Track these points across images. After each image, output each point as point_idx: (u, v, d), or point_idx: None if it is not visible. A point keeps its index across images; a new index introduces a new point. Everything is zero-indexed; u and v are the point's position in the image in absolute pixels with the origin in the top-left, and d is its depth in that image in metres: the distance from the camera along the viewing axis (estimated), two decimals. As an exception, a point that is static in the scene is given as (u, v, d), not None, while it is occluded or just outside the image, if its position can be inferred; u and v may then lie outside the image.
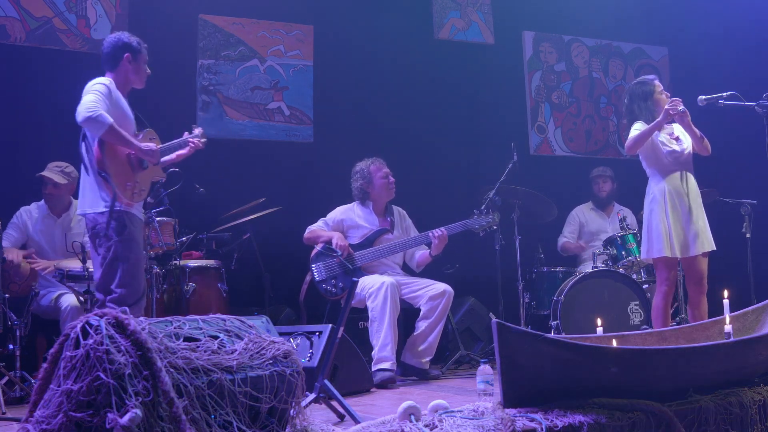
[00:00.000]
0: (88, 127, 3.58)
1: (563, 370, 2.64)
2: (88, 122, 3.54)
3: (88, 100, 3.57)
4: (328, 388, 3.28)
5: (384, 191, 5.17)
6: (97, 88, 3.66)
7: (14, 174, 5.04)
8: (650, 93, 4.52)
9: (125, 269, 3.64)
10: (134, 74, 3.89)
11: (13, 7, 5.33)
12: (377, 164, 5.19)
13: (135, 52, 3.88)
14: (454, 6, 6.83)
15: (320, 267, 4.97)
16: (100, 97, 3.61)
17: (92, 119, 3.52)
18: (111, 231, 3.64)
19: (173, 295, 4.82)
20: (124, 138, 3.65)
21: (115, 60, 3.86)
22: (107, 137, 3.60)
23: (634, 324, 5.22)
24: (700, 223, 4.38)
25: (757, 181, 5.77)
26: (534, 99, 7.07)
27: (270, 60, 6.15)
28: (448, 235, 5.03)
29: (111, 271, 3.64)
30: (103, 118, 3.54)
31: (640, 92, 4.55)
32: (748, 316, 3.42)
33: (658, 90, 4.53)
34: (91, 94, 3.62)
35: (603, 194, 6.28)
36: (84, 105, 3.55)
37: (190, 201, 5.04)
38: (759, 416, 2.84)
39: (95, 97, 3.60)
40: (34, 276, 4.33)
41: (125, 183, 3.70)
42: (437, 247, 5.01)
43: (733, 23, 6.73)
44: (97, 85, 3.68)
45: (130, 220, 3.71)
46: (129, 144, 3.70)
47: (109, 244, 3.65)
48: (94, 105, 3.55)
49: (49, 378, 2.06)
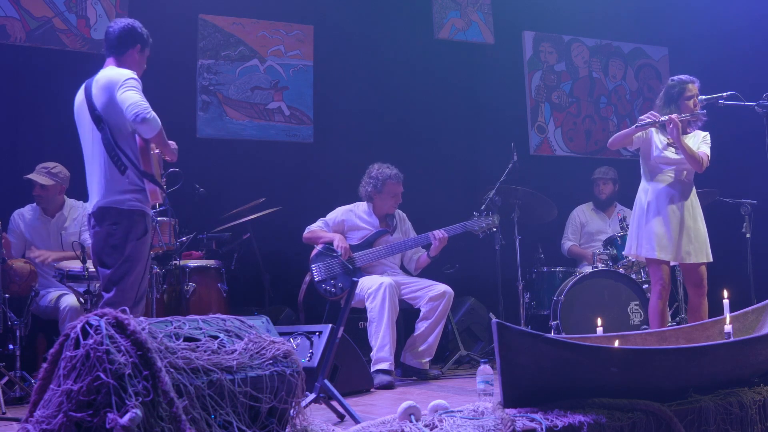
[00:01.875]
0: (144, 127, 3.43)
1: (563, 370, 2.64)
2: (146, 123, 3.40)
3: (136, 99, 3.43)
4: (328, 388, 3.28)
5: (387, 207, 5.17)
6: (132, 84, 3.50)
7: (14, 174, 5.04)
8: (678, 95, 4.42)
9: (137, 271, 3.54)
10: (138, 66, 3.75)
11: (13, 7, 5.33)
12: (394, 181, 5.11)
13: (144, 44, 3.77)
14: (454, 6, 6.83)
15: (320, 267, 4.97)
16: (141, 94, 3.48)
17: (148, 120, 3.39)
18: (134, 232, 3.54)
19: (173, 295, 4.82)
20: (165, 139, 3.57)
21: (123, 46, 3.70)
22: (156, 139, 3.50)
23: (634, 324, 5.22)
24: (699, 234, 4.36)
25: (757, 181, 5.76)
26: (534, 99, 7.07)
27: (270, 60, 6.15)
28: (448, 237, 5.03)
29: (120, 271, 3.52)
30: (157, 120, 3.44)
31: (671, 93, 4.46)
32: (748, 316, 3.42)
33: (687, 94, 4.41)
34: (131, 90, 3.47)
35: (603, 196, 6.28)
36: (136, 104, 3.40)
37: (190, 201, 5.05)
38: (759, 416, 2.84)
39: (140, 95, 3.46)
40: (34, 276, 4.33)
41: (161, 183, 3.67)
42: (436, 248, 5.01)
43: (733, 23, 6.73)
44: (131, 80, 3.52)
45: (149, 224, 3.64)
46: (167, 145, 3.62)
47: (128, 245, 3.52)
48: (146, 104, 3.42)
49: (49, 378, 2.06)
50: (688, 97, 4.41)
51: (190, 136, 5.73)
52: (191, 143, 5.48)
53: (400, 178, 5.14)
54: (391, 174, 5.11)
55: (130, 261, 3.52)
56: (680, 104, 4.41)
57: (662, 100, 4.49)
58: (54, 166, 4.72)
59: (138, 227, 3.55)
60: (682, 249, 4.30)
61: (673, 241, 4.29)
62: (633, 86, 7.47)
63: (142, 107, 3.41)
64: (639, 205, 4.47)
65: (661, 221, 4.32)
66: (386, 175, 5.10)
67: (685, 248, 4.31)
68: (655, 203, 4.36)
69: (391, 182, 5.10)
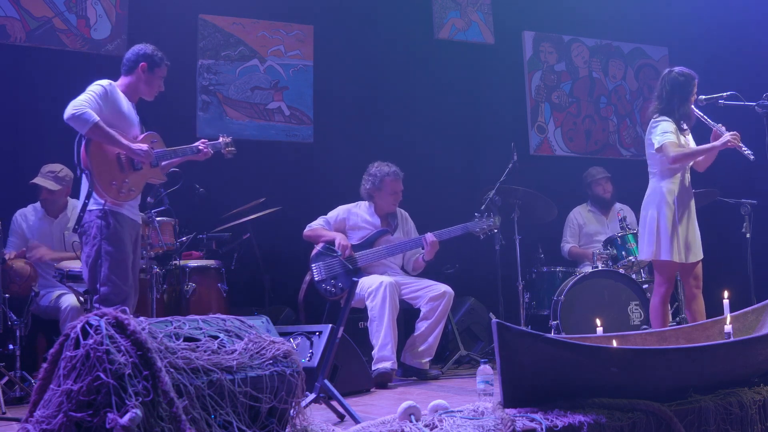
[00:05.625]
0: (72, 124, 3.65)
1: (563, 370, 2.63)
2: (72, 119, 3.63)
3: (78, 99, 3.68)
4: (328, 388, 3.28)
5: (387, 205, 5.16)
6: (91, 88, 3.77)
7: (14, 174, 5.04)
8: (690, 93, 4.35)
9: (108, 267, 3.66)
10: (146, 84, 3.98)
11: (13, 7, 5.33)
12: (393, 178, 5.11)
13: (152, 64, 3.97)
14: (454, 6, 6.83)
15: (320, 267, 4.96)
16: (91, 96, 3.71)
17: (75, 117, 3.61)
18: (95, 229, 3.68)
19: (173, 295, 4.82)
20: (111, 137, 3.71)
21: (132, 66, 3.96)
22: (92, 135, 3.67)
23: (634, 324, 5.22)
24: (697, 231, 4.38)
25: (757, 181, 5.76)
26: (534, 99, 7.07)
27: (270, 60, 6.15)
28: (449, 238, 5.03)
29: (95, 270, 3.68)
30: (87, 116, 3.62)
31: (684, 87, 4.33)
32: (748, 316, 3.42)
33: (694, 90, 4.37)
34: (84, 93, 3.73)
35: (608, 195, 6.22)
36: (72, 103, 3.65)
37: (190, 201, 5.05)
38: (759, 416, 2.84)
39: (86, 97, 3.70)
40: (34, 276, 4.33)
41: (110, 181, 3.73)
42: (429, 252, 5.00)
43: (733, 23, 6.73)
44: (93, 86, 3.78)
45: (116, 219, 3.73)
46: (117, 143, 3.75)
47: (93, 242, 3.69)
48: (81, 103, 3.64)
49: (49, 378, 2.06)
50: (694, 93, 4.37)
51: (190, 136, 5.72)
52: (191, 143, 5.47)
53: (399, 176, 5.13)
54: (390, 171, 5.11)
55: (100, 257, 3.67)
56: (689, 100, 4.36)
57: (667, 92, 4.36)
58: (60, 169, 4.74)
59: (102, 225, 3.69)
60: (691, 249, 4.31)
61: (686, 240, 4.30)
62: (633, 86, 7.47)
63: (74, 105, 3.64)
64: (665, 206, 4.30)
65: (681, 221, 4.30)
66: (384, 173, 5.10)
67: (692, 248, 4.32)
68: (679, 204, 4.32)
69: (389, 179, 5.10)
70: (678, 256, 4.27)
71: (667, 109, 4.36)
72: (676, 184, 4.34)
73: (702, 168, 4.47)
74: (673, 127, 4.29)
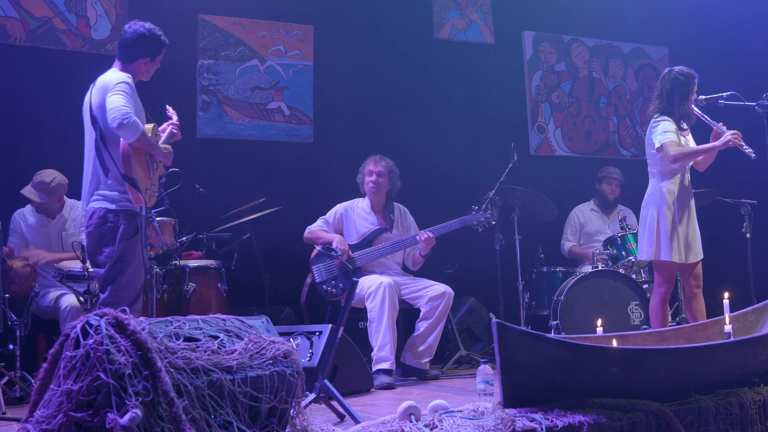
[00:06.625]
0: (121, 132, 3.44)
1: (563, 370, 2.64)
2: (122, 129, 3.41)
3: (119, 104, 3.43)
4: (328, 388, 3.28)
5: (369, 192, 5.15)
6: (122, 88, 3.52)
7: (14, 174, 5.04)
8: (690, 93, 4.35)
9: (131, 270, 3.58)
10: (146, 72, 3.81)
11: (13, 7, 5.33)
12: (369, 162, 5.14)
13: (155, 55, 3.78)
14: (454, 6, 6.82)
15: (320, 268, 4.97)
16: (127, 99, 3.48)
17: (126, 125, 3.39)
18: (123, 232, 3.57)
19: (173, 295, 4.82)
20: (151, 143, 3.60)
21: (133, 55, 3.72)
22: (138, 143, 3.51)
23: (634, 324, 5.22)
24: (697, 231, 4.38)
25: (757, 181, 5.77)
26: (534, 99, 7.07)
27: (270, 60, 6.15)
28: (449, 232, 5.03)
29: (113, 270, 3.57)
30: (138, 125, 3.44)
31: (685, 86, 4.33)
32: (748, 316, 3.42)
33: (695, 89, 4.37)
34: (118, 95, 3.47)
35: (612, 196, 6.22)
36: (117, 109, 3.41)
37: (190, 201, 5.05)
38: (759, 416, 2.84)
39: (125, 100, 3.46)
40: (34, 276, 4.33)
41: (146, 187, 3.64)
42: (425, 248, 5.00)
43: (733, 23, 6.73)
44: (121, 84, 3.54)
45: (141, 223, 3.67)
46: (154, 149, 3.64)
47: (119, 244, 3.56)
48: (127, 110, 3.42)
49: (49, 378, 2.06)
50: (694, 92, 4.37)
51: (190, 136, 5.72)
52: (191, 143, 5.48)
53: (376, 159, 5.13)
54: (369, 158, 5.16)
55: (122, 261, 3.57)
56: (689, 99, 4.36)
57: (668, 91, 4.36)
58: (51, 179, 4.63)
59: (128, 227, 3.59)
60: (691, 250, 4.31)
61: (686, 240, 4.30)
62: (633, 86, 7.47)
63: (121, 112, 3.40)
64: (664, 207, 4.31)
65: (681, 221, 4.30)
66: (366, 161, 5.15)
67: (692, 248, 4.32)
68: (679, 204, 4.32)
69: (367, 165, 5.14)
70: (678, 256, 4.27)
71: (668, 108, 4.36)
72: (676, 185, 4.34)
73: (702, 168, 4.48)
74: (673, 126, 4.29)
